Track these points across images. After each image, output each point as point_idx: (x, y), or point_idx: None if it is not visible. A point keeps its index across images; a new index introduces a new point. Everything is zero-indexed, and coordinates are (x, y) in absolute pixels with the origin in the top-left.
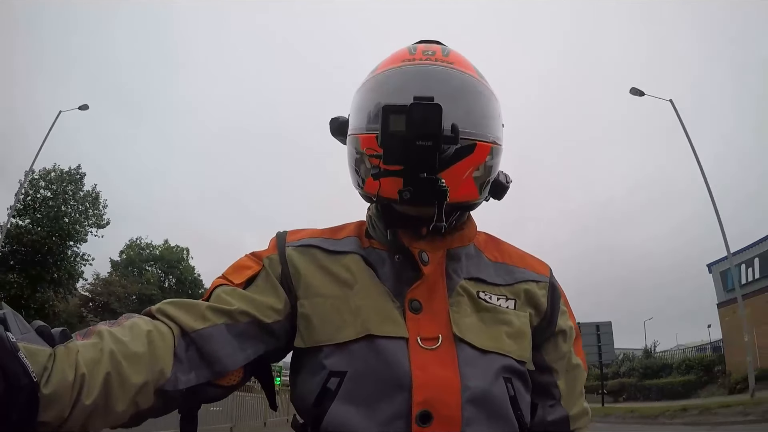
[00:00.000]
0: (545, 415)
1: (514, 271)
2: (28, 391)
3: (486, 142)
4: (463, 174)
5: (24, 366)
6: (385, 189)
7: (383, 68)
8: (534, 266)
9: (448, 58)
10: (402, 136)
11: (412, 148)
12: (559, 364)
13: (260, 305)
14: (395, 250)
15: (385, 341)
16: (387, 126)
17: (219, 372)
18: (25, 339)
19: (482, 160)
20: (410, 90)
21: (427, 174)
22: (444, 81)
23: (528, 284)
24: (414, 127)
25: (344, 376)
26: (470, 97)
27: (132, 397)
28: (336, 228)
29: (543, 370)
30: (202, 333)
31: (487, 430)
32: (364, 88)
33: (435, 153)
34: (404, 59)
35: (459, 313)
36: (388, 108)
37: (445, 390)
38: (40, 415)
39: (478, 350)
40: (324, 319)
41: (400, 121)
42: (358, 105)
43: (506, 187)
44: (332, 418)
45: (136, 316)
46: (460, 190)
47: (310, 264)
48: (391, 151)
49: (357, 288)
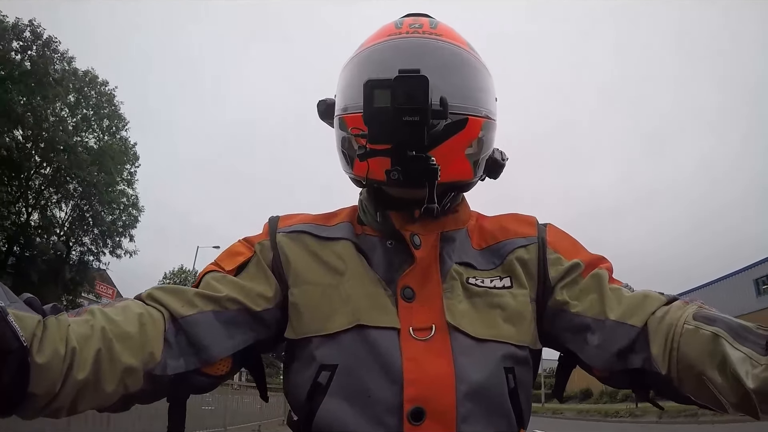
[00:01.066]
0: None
1: (500, 247)
2: (19, 356)
3: (478, 117)
4: (454, 151)
5: (13, 329)
6: (373, 170)
7: (368, 44)
8: (517, 231)
9: (436, 30)
10: (387, 112)
11: (398, 124)
12: (584, 305)
13: (250, 292)
14: (386, 234)
15: (375, 332)
16: (371, 102)
17: (206, 360)
18: (14, 306)
19: (475, 135)
20: (396, 65)
21: (416, 152)
22: (431, 54)
23: (516, 252)
24: (399, 102)
25: (335, 369)
26: (460, 69)
27: (121, 377)
28: (329, 214)
29: (579, 329)
30: (189, 320)
31: (483, 427)
32: (349, 66)
33: (423, 129)
34: (390, 33)
35: (452, 299)
36: (371, 83)
37: (439, 384)
38: (31, 385)
39: (474, 339)
40: (313, 308)
41: (384, 96)
42: (343, 84)
43: (502, 165)
44: (324, 414)
45: (129, 299)
46: (452, 169)
47: (300, 251)
48: (376, 128)
49: (348, 275)
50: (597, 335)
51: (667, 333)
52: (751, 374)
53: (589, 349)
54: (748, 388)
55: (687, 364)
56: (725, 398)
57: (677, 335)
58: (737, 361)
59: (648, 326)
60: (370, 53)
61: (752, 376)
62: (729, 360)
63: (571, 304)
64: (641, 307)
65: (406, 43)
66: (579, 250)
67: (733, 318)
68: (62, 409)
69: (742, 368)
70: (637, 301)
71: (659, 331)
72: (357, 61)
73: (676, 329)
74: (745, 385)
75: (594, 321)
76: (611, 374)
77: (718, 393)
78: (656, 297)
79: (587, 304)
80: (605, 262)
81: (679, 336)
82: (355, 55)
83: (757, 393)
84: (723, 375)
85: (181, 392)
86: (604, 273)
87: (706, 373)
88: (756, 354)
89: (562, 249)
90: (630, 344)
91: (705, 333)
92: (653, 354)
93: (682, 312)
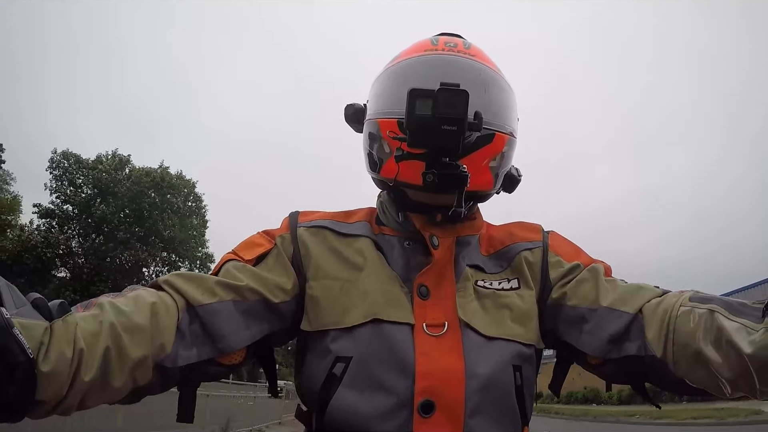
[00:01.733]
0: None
1: (507, 251)
2: (25, 369)
3: (504, 133)
4: (481, 162)
5: (20, 343)
6: (404, 173)
7: (405, 56)
8: (522, 236)
9: (470, 50)
10: (428, 120)
11: (437, 132)
12: (585, 304)
13: (269, 284)
14: (406, 234)
15: (390, 326)
16: (413, 109)
17: (222, 349)
18: (20, 314)
19: (499, 150)
20: (434, 78)
21: (449, 159)
22: (466, 71)
23: (523, 254)
24: (440, 111)
25: (350, 361)
26: (491, 88)
27: (130, 371)
28: (348, 212)
29: (575, 320)
30: (209, 308)
31: (490, 422)
32: (385, 75)
33: (459, 138)
34: (427, 49)
35: (465, 298)
36: (415, 92)
37: (450, 378)
38: (38, 393)
39: (484, 337)
40: (332, 301)
41: (426, 104)
42: (378, 91)
43: (518, 180)
44: (337, 404)
45: (141, 287)
46: (478, 179)
47: (321, 245)
48: (416, 133)
49: (366, 272)
50: (590, 323)
51: (663, 317)
52: (748, 340)
53: (582, 336)
54: (744, 355)
55: (682, 343)
56: (722, 375)
57: (673, 317)
58: (733, 330)
59: (643, 313)
60: (407, 65)
61: (749, 342)
62: (725, 331)
63: (567, 298)
64: (635, 296)
65: (443, 59)
66: (579, 253)
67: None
68: (71, 408)
69: (738, 336)
70: (631, 290)
71: (655, 316)
72: (393, 71)
73: (672, 312)
74: (741, 352)
75: (588, 310)
76: (606, 363)
77: (715, 370)
78: (651, 288)
79: (582, 295)
80: (605, 264)
81: (675, 318)
82: (390, 65)
83: (755, 358)
84: (719, 348)
85: (191, 381)
86: (600, 267)
87: (701, 350)
88: (752, 323)
89: (563, 253)
90: (623, 330)
91: (700, 311)
92: (648, 338)
93: (678, 297)
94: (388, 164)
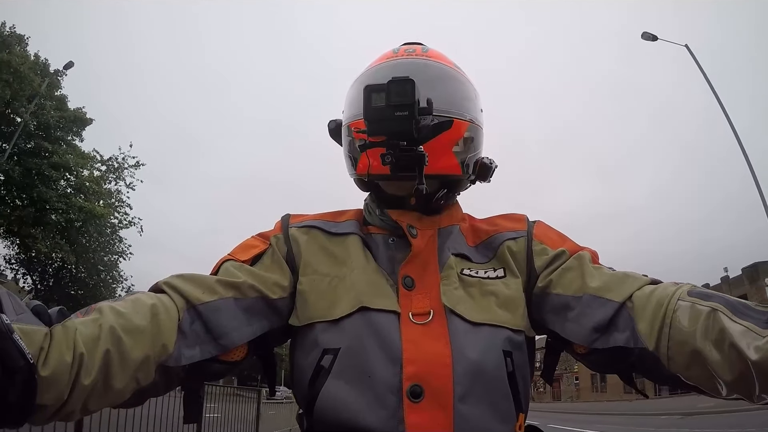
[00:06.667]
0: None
1: (492, 240)
2: (25, 374)
3: (463, 120)
4: (443, 147)
5: (20, 348)
6: (374, 165)
7: (370, 66)
8: (507, 226)
9: (427, 53)
10: (382, 110)
11: (391, 119)
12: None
13: (267, 281)
14: (391, 231)
15: (377, 314)
16: (369, 102)
17: (224, 346)
18: (20, 320)
19: (460, 135)
20: (390, 77)
21: (407, 144)
22: (422, 71)
23: (506, 243)
24: (391, 100)
25: (338, 352)
26: (446, 82)
27: (132, 373)
28: (337, 212)
29: (561, 308)
30: (210, 305)
31: (480, 408)
32: (354, 85)
33: (411, 122)
34: (388, 57)
35: (449, 286)
36: (369, 87)
37: (436, 363)
38: (39, 397)
39: (470, 323)
40: (319, 296)
41: (380, 97)
42: (348, 100)
43: (491, 169)
44: (326, 395)
45: (140, 291)
46: (440, 161)
47: (311, 244)
48: (373, 124)
49: (353, 267)
50: (575, 311)
51: (657, 309)
52: (753, 346)
53: (567, 324)
54: (749, 360)
55: (680, 340)
56: (720, 376)
57: (670, 311)
58: (737, 333)
59: (634, 302)
60: (371, 73)
61: (755, 348)
62: (728, 333)
63: (552, 286)
64: (622, 284)
65: (401, 62)
66: (565, 240)
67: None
68: (74, 412)
69: (742, 341)
70: (618, 278)
71: (647, 306)
72: (360, 80)
73: (669, 305)
74: (746, 357)
75: (573, 298)
76: (592, 352)
77: (713, 370)
78: (639, 277)
79: (567, 283)
80: (591, 251)
81: (672, 312)
82: (358, 76)
83: (759, 366)
84: (720, 350)
85: (195, 380)
86: (586, 254)
87: (701, 349)
88: (757, 327)
89: (548, 240)
90: (608, 320)
91: (701, 308)
92: (639, 330)
93: (675, 289)
94: (361, 160)
